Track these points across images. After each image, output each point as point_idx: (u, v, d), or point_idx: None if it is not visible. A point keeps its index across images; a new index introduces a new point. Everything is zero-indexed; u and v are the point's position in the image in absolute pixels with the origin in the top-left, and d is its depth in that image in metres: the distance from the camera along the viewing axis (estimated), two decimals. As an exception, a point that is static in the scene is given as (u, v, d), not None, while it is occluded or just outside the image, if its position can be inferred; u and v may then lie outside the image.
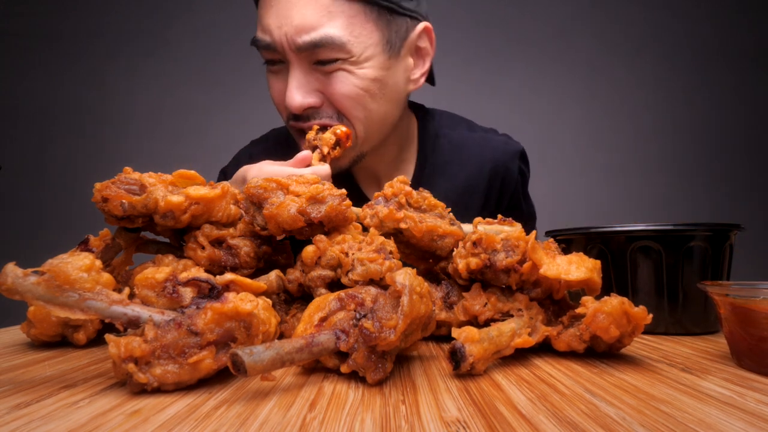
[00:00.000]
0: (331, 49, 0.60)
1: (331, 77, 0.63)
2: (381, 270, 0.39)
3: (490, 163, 0.78)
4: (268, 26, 0.61)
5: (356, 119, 0.66)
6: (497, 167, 0.79)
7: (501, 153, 0.80)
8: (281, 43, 0.61)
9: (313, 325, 0.34)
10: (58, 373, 0.35)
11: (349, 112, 0.65)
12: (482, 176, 0.78)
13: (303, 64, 0.62)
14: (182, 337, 0.31)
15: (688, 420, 0.25)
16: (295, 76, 0.62)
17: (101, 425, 0.24)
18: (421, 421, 0.25)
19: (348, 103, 0.64)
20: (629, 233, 0.50)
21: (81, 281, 0.34)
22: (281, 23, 0.60)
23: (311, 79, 0.63)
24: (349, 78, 0.63)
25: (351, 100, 0.64)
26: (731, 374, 0.34)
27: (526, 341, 0.37)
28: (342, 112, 0.66)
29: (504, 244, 0.42)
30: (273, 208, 0.42)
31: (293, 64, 0.63)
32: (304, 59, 0.62)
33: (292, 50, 0.61)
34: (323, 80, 0.63)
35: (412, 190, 0.49)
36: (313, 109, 0.65)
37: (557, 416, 0.25)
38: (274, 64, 0.66)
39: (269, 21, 0.61)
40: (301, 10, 0.59)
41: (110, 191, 0.42)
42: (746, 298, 0.35)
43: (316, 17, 0.59)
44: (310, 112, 0.65)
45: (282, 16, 0.60)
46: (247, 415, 0.26)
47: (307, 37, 0.59)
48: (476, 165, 0.78)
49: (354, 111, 0.65)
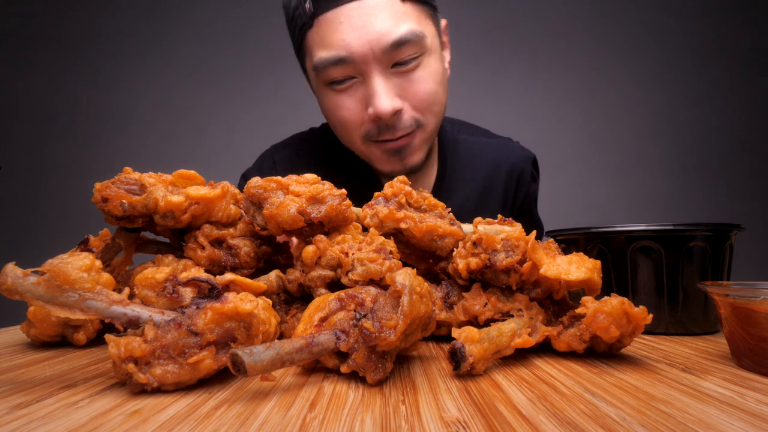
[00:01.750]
0: (412, 44, 0.64)
1: (411, 77, 0.67)
2: (381, 270, 0.39)
3: (506, 165, 0.84)
4: (344, 41, 0.63)
5: (432, 114, 0.70)
6: (513, 169, 0.84)
7: (516, 157, 0.85)
8: (363, 53, 0.63)
9: (313, 325, 0.34)
10: (58, 373, 0.35)
11: (429, 109, 0.69)
12: (499, 177, 0.83)
13: (383, 71, 0.65)
14: (182, 337, 0.31)
15: (688, 420, 0.25)
16: (379, 82, 0.65)
17: (101, 425, 0.24)
18: (421, 421, 0.25)
19: (429, 99, 0.68)
20: (629, 233, 0.50)
21: (81, 281, 0.34)
22: (360, 34, 0.62)
23: (392, 85, 0.66)
24: (427, 74, 0.67)
25: (431, 96, 0.68)
26: (731, 374, 0.34)
27: (526, 341, 0.37)
28: (421, 110, 0.69)
29: (504, 244, 0.42)
30: (273, 208, 0.42)
31: (374, 73, 0.65)
32: (384, 65, 0.65)
33: (375, 57, 0.64)
34: (402, 83, 0.67)
35: (412, 190, 0.49)
36: (397, 114, 0.67)
37: (557, 416, 0.25)
38: (342, 82, 0.67)
39: (343, 36, 0.63)
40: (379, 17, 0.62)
41: (110, 191, 0.42)
42: (746, 299, 0.35)
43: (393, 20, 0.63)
44: (394, 120, 0.67)
45: (359, 28, 0.62)
46: (247, 415, 0.26)
47: (392, 37, 0.63)
48: (494, 167, 0.83)
49: (433, 107, 0.69)
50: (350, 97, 0.68)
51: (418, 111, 0.69)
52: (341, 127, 0.72)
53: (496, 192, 0.83)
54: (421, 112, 0.69)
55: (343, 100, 0.69)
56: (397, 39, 0.63)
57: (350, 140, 0.73)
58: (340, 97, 0.69)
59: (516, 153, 0.86)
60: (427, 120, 0.70)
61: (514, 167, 0.84)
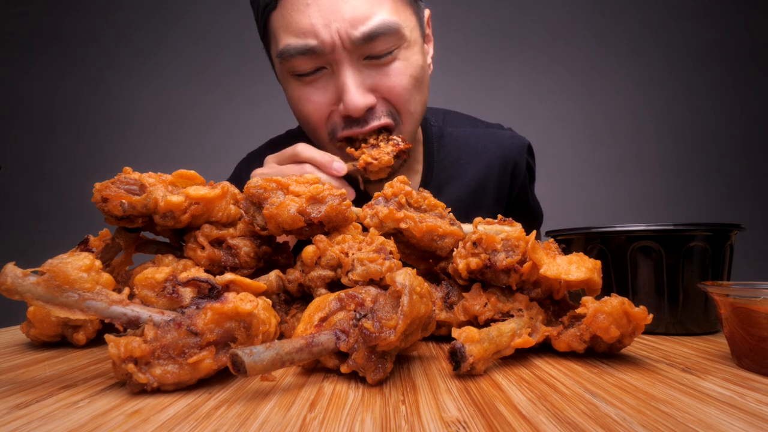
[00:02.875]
0: (387, 37, 0.58)
1: (386, 71, 0.60)
2: (381, 270, 0.39)
3: (498, 159, 0.77)
4: (311, 27, 0.56)
5: (407, 113, 0.64)
6: (506, 162, 0.78)
7: (508, 148, 0.78)
8: (332, 42, 0.56)
9: (313, 325, 0.34)
10: (58, 373, 0.35)
11: (404, 107, 0.63)
12: (492, 172, 0.77)
13: (354, 62, 0.59)
14: (182, 337, 0.31)
15: (688, 420, 0.25)
16: (351, 75, 0.58)
17: (101, 425, 0.24)
18: (421, 421, 0.25)
19: (404, 95, 0.62)
20: (629, 233, 0.50)
21: (81, 281, 0.34)
22: (329, 20, 0.56)
23: (365, 77, 0.60)
24: (404, 67, 0.61)
25: (407, 92, 0.62)
26: (731, 374, 0.34)
27: (527, 341, 0.37)
28: (397, 106, 0.63)
29: (504, 244, 0.42)
30: (273, 208, 0.42)
31: (345, 64, 0.58)
32: (356, 56, 0.59)
33: (345, 47, 0.57)
34: (376, 76, 0.60)
35: (412, 190, 0.49)
36: (370, 110, 0.61)
37: (557, 416, 0.25)
38: (309, 74, 0.60)
39: (311, 21, 0.56)
40: (350, 2, 0.55)
41: (110, 191, 0.42)
42: (747, 299, 0.35)
43: (367, 6, 0.56)
44: (367, 115, 0.61)
45: (328, 12, 0.55)
46: (247, 415, 0.26)
47: (364, 27, 0.56)
48: (485, 162, 0.77)
49: (408, 105, 0.63)
50: (317, 90, 0.61)
51: (393, 108, 0.63)
52: (306, 122, 0.65)
53: (489, 189, 0.77)
54: (396, 109, 0.63)
55: (309, 93, 0.62)
56: (368, 32, 0.56)
57: (317, 138, 0.66)
58: (307, 89, 0.62)
59: (508, 143, 0.79)
60: (403, 120, 0.64)
61: (507, 160, 0.77)
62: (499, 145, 0.78)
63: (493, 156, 0.77)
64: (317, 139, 0.66)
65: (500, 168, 0.77)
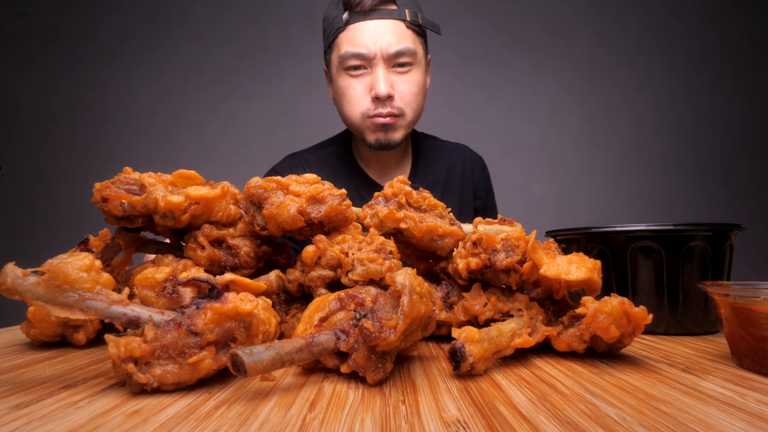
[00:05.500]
0: (407, 55, 0.94)
1: (403, 78, 0.95)
2: (381, 270, 0.39)
3: (461, 160, 1.14)
4: (364, 42, 0.92)
5: (411, 109, 0.97)
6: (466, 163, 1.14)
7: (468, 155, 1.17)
8: (375, 52, 0.92)
9: (313, 325, 0.34)
10: (58, 373, 0.35)
11: (408, 105, 0.96)
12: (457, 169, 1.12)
13: (385, 67, 0.93)
14: (182, 337, 0.31)
15: (688, 420, 0.25)
16: (382, 74, 0.92)
17: (101, 425, 0.24)
18: (421, 421, 0.25)
19: (410, 97, 0.96)
20: (629, 233, 0.50)
21: (81, 281, 0.34)
22: (375, 40, 0.92)
23: (390, 77, 0.94)
24: (414, 79, 0.96)
25: (412, 96, 0.96)
26: (731, 374, 0.34)
27: (526, 341, 0.37)
28: (404, 101, 0.95)
29: (504, 244, 0.42)
30: (273, 208, 0.42)
31: (379, 67, 0.92)
32: (387, 64, 0.93)
33: (383, 57, 0.92)
34: (396, 80, 0.94)
35: (412, 190, 0.49)
36: (390, 99, 0.93)
37: (557, 416, 0.25)
38: (356, 69, 0.94)
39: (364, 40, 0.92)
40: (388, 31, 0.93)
41: (110, 191, 0.42)
42: (746, 299, 0.35)
43: (398, 37, 0.93)
44: (387, 102, 0.94)
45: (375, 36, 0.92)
46: (247, 415, 0.26)
47: (396, 47, 0.92)
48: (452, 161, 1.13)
49: (412, 104, 0.97)
50: (359, 82, 0.95)
51: (402, 102, 0.95)
52: (348, 102, 0.96)
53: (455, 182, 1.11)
54: (405, 104, 0.96)
55: (354, 83, 0.95)
56: (397, 50, 0.93)
57: (351, 113, 0.97)
58: (353, 80, 0.95)
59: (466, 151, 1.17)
60: (407, 111, 0.97)
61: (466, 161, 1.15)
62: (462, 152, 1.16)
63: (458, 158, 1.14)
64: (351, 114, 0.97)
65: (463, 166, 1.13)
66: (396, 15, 0.94)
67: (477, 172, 1.16)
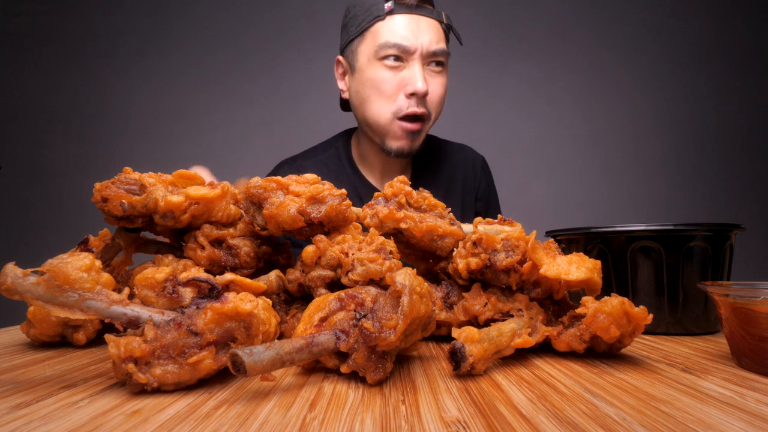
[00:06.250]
0: (442, 56, 0.93)
1: (436, 79, 0.94)
2: (381, 270, 0.39)
3: (462, 162, 1.12)
4: (406, 35, 0.90)
5: (436, 113, 0.97)
6: (467, 165, 1.13)
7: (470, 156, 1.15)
8: (415, 47, 0.90)
9: (313, 325, 0.34)
10: (58, 373, 0.35)
11: (435, 107, 0.95)
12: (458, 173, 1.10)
13: (422, 64, 0.92)
14: (182, 337, 0.31)
15: (688, 420, 0.25)
16: (420, 70, 0.91)
17: (101, 425, 0.24)
18: (421, 421, 0.25)
19: (438, 100, 0.95)
20: (629, 233, 0.50)
21: (81, 281, 0.34)
22: (417, 35, 0.90)
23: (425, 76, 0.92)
24: (442, 82, 0.95)
25: (440, 98, 0.96)
26: (731, 374, 0.34)
27: (526, 341, 0.37)
28: (432, 103, 0.94)
29: (504, 244, 0.42)
30: (273, 208, 0.42)
31: (417, 63, 0.91)
32: (425, 61, 0.92)
33: (422, 54, 0.91)
34: (429, 80, 0.93)
35: (412, 190, 0.49)
36: (425, 96, 0.91)
37: (557, 416, 0.25)
38: (395, 60, 0.91)
39: (407, 33, 0.90)
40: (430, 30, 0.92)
41: (110, 191, 0.42)
42: (746, 299, 0.35)
43: (437, 36, 0.92)
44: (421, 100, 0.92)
45: (417, 31, 0.91)
46: (247, 415, 0.26)
47: (435, 47, 0.91)
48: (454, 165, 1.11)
49: (438, 107, 0.96)
50: (395, 75, 0.91)
51: (431, 104, 0.94)
52: (380, 96, 0.93)
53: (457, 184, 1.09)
54: (432, 106, 0.95)
55: (389, 75, 0.92)
56: (436, 49, 0.92)
57: (381, 110, 0.93)
58: (388, 72, 0.91)
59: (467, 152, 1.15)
60: (432, 114, 0.95)
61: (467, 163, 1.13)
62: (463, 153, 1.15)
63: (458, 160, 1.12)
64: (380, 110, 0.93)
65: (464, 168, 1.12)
66: (436, 15, 0.94)
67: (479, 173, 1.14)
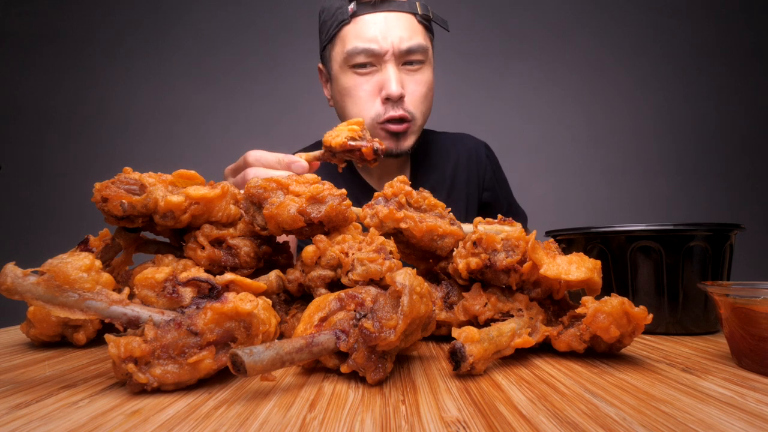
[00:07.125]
0: (419, 52, 0.85)
1: (414, 77, 0.87)
2: (381, 270, 0.39)
3: (465, 152, 1.05)
4: (374, 37, 0.83)
5: (420, 112, 0.89)
6: (470, 156, 1.06)
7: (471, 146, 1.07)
8: (385, 49, 0.83)
9: (313, 325, 0.34)
10: (58, 373, 0.35)
11: (417, 106, 0.88)
12: (461, 167, 1.04)
13: (396, 65, 0.85)
14: (182, 337, 0.31)
15: (688, 420, 0.25)
16: (394, 73, 0.84)
17: (101, 425, 0.24)
18: (421, 421, 0.25)
19: (421, 98, 0.88)
20: (629, 233, 0.50)
21: (81, 281, 0.34)
22: (386, 35, 0.83)
23: (401, 76, 0.86)
24: (424, 79, 0.88)
25: (423, 96, 0.88)
26: (731, 374, 0.34)
27: (526, 341, 0.37)
28: (414, 103, 0.87)
29: (504, 244, 0.42)
30: (273, 208, 0.42)
31: (389, 65, 0.84)
32: (399, 61, 0.85)
33: (394, 54, 0.84)
34: (407, 80, 0.86)
35: (412, 190, 0.49)
36: (402, 98, 0.85)
37: (557, 416, 0.25)
38: (364, 66, 0.85)
39: (375, 34, 0.83)
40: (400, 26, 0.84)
41: (110, 191, 0.42)
42: (746, 299, 0.35)
43: (410, 32, 0.85)
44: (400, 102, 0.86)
45: (386, 30, 0.83)
46: (247, 415, 0.26)
47: (408, 43, 0.84)
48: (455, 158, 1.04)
49: (421, 107, 0.89)
50: (367, 82, 0.86)
51: (412, 105, 0.87)
52: (355, 104, 0.87)
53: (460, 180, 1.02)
54: (414, 106, 0.87)
55: (362, 82, 0.86)
56: (410, 46, 0.84)
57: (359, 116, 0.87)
58: (360, 79, 0.86)
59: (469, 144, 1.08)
60: (417, 115, 0.88)
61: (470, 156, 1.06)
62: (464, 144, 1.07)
63: (461, 154, 1.05)
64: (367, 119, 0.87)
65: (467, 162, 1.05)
66: (407, 8, 0.85)
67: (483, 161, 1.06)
